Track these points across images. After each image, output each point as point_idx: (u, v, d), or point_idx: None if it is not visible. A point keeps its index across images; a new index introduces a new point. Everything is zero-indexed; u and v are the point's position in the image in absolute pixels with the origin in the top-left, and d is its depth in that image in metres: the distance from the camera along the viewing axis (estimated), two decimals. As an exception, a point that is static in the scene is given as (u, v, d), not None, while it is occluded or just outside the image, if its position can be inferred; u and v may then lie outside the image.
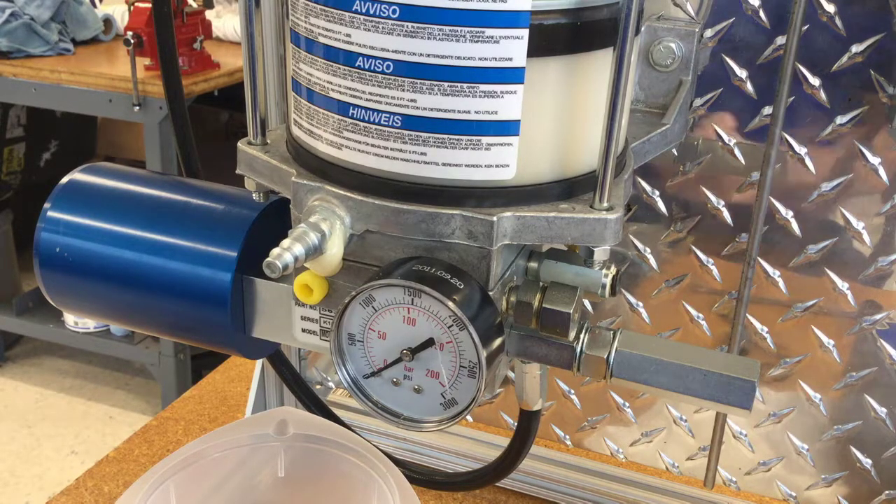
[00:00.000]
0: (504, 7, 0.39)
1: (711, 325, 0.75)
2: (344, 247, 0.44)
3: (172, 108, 0.67)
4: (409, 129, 0.42)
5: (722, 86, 0.67)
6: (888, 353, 0.71)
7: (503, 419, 0.88)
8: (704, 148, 0.69)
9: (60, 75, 2.21)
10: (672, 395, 0.48)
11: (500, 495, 0.83)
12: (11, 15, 2.28)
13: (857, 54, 0.62)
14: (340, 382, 0.47)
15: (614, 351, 0.48)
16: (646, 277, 0.76)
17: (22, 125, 2.81)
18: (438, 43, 0.39)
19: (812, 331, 0.72)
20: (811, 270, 0.70)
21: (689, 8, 0.61)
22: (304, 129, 0.46)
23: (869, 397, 0.73)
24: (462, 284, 0.43)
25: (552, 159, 0.44)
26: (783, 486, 0.79)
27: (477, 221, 0.42)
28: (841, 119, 0.65)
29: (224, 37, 2.56)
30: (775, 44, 0.64)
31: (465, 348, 0.43)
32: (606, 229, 0.43)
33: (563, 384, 0.84)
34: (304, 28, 0.43)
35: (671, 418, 0.81)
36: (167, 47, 0.64)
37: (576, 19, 0.41)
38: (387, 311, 0.44)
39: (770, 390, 0.76)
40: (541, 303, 0.46)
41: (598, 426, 0.84)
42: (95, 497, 0.80)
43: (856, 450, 0.75)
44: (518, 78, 0.40)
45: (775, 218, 0.69)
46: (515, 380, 0.56)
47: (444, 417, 0.46)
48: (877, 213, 0.67)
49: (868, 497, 0.76)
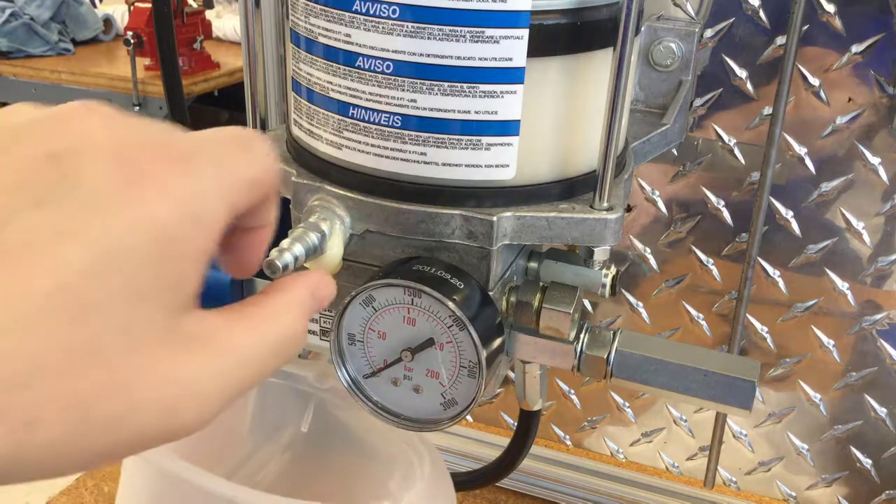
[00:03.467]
0: (504, 7, 0.39)
1: (711, 325, 0.75)
2: (344, 247, 0.44)
3: (172, 108, 0.67)
4: (409, 129, 0.42)
5: (722, 86, 0.67)
6: (888, 353, 0.71)
7: (503, 419, 0.88)
8: (704, 148, 0.69)
9: (60, 75, 2.21)
10: (672, 395, 0.48)
11: (500, 495, 0.83)
12: (11, 15, 2.28)
13: (857, 54, 0.62)
14: (340, 382, 0.47)
15: (614, 351, 0.48)
16: (646, 277, 0.76)
17: (22, 125, 2.80)
18: (438, 43, 0.39)
19: (812, 331, 0.72)
20: (811, 270, 0.70)
21: (689, 8, 0.61)
22: (303, 129, 0.46)
23: (869, 397, 0.73)
24: (462, 284, 0.43)
25: (552, 159, 0.44)
26: (783, 486, 0.79)
27: (477, 221, 0.42)
28: (841, 119, 0.65)
29: (224, 37, 2.56)
30: (775, 44, 0.64)
31: (465, 348, 0.43)
32: (606, 229, 0.43)
33: (563, 384, 0.84)
34: (304, 28, 0.43)
35: (671, 418, 0.81)
36: (167, 47, 0.64)
37: (576, 19, 0.41)
38: (387, 311, 0.44)
39: (770, 390, 0.76)
40: (541, 303, 0.46)
41: (598, 426, 0.84)
42: (95, 497, 0.80)
43: (856, 450, 0.75)
44: (518, 78, 0.40)
45: (775, 218, 0.69)
46: (515, 380, 0.56)
47: (443, 417, 0.46)
48: (877, 213, 0.67)
49: (868, 497, 0.76)
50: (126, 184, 0.25)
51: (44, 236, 0.24)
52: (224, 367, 0.27)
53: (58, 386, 0.23)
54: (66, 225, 0.24)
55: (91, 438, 0.24)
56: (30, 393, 0.22)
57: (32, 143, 0.25)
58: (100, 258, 0.24)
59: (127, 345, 0.24)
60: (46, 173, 0.24)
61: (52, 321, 0.23)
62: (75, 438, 0.24)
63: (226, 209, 0.28)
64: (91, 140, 0.26)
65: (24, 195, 0.24)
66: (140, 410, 0.25)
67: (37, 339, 0.23)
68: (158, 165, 0.26)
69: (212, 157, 0.28)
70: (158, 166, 0.26)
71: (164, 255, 0.25)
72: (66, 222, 0.24)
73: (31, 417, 0.23)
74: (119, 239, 0.24)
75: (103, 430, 0.24)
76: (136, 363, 0.25)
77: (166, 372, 0.26)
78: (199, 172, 0.27)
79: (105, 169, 0.25)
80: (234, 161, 0.29)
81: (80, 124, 0.26)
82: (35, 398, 0.23)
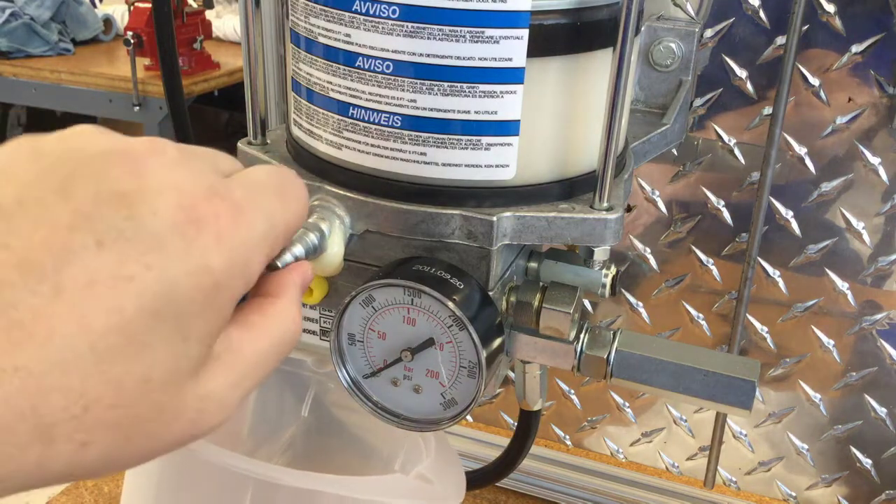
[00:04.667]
0: (504, 7, 0.39)
1: (711, 325, 0.75)
2: (344, 246, 0.44)
3: (172, 108, 0.67)
4: (409, 129, 0.42)
5: (722, 86, 0.67)
6: (888, 353, 0.71)
7: (503, 419, 0.88)
8: (704, 148, 0.69)
9: (60, 75, 2.21)
10: (672, 395, 0.48)
11: (500, 495, 0.83)
12: (11, 15, 2.28)
13: (857, 54, 0.62)
14: (340, 383, 0.47)
15: (614, 351, 0.48)
16: (646, 277, 0.76)
17: (22, 125, 2.81)
18: (438, 43, 0.39)
19: (812, 331, 0.72)
20: (811, 270, 0.70)
21: (689, 8, 0.61)
22: (303, 129, 0.46)
23: (869, 397, 0.73)
24: (462, 284, 0.43)
25: (552, 159, 0.44)
26: (783, 486, 0.79)
27: (477, 221, 0.42)
28: (841, 119, 0.65)
29: (224, 37, 2.56)
30: (775, 44, 0.64)
31: (465, 348, 0.43)
32: (606, 229, 0.43)
33: (563, 384, 0.84)
34: (304, 28, 0.43)
35: (671, 418, 0.81)
36: (167, 47, 0.64)
37: (576, 19, 0.41)
38: (387, 311, 0.44)
39: (770, 390, 0.76)
40: (541, 303, 0.46)
41: (598, 426, 0.84)
42: (95, 497, 0.81)
43: (856, 450, 0.75)
44: (518, 78, 0.40)
45: (775, 218, 0.69)
46: (515, 380, 0.56)
47: (444, 417, 0.46)
48: (877, 213, 0.67)
49: (868, 497, 0.76)
50: (185, 231, 0.27)
51: (104, 278, 0.25)
52: (240, 376, 0.30)
53: (108, 415, 0.25)
54: (125, 268, 0.25)
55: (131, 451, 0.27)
56: (83, 422, 0.25)
57: (101, 180, 0.26)
58: (153, 302, 0.26)
59: (172, 378, 0.27)
60: (112, 213, 0.26)
61: (105, 358, 0.25)
62: (119, 453, 0.26)
63: (266, 259, 0.30)
64: (157, 184, 0.27)
65: (88, 234, 0.25)
66: (175, 425, 0.28)
67: (91, 375, 0.25)
68: (216, 214, 0.28)
69: (262, 209, 0.30)
70: (216, 215, 0.28)
71: (212, 303, 0.28)
72: (126, 266, 0.25)
73: (84, 441, 0.25)
74: (174, 285, 0.26)
75: (143, 445, 0.27)
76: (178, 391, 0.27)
77: (197, 391, 0.28)
78: (252, 225, 0.29)
79: (167, 214, 0.27)
80: (280, 212, 0.31)
81: (148, 165, 0.27)
82: (88, 426, 0.25)
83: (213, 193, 0.28)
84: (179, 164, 0.28)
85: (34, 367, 0.24)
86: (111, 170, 0.27)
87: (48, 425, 0.24)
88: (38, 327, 0.24)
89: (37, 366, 0.24)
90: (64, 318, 0.24)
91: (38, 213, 0.25)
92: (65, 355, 0.24)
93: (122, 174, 0.27)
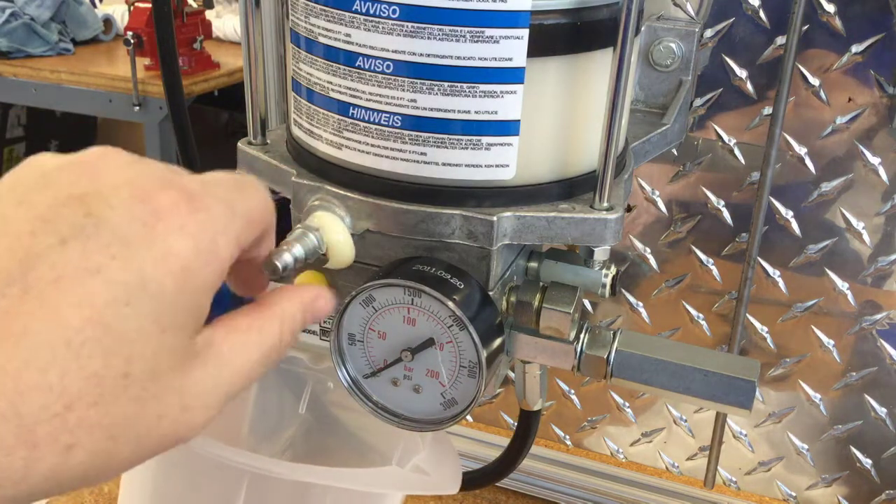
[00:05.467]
0: (504, 7, 0.39)
1: (711, 325, 0.75)
2: (350, 236, 0.43)
3: (172, 108, 0.67)
4: (409, 129, 0.42)
5: (722, 86, 0.67)
6: (888, 353, 0.71)
7: (503, 419, 0.88)
8: (704, 148, 0.69)
9: (60, 75, 2.21)
10: (672, 395, 0.48)
11: (500, 495, 0.83)
12: (11, 15, 2.28)
13: (857, 54, 0.62)
14: (340, 383, 0.47)
15: (614, 351, 0.48)
16: (646, 277, 0.76)
17: (22, 125, 2.81)
18: (438, 43, 0.39)
19: (812, 331, 0.72)
20: (811, 270, 0.70)
21: (689, 8, 0.61)
22: (304, 129, 0.46)
23: (869, 397, 0.73)
24: (462, 284, 0.43)
25: (552, 159, 0.44)
26: (783, 486, 0.79)
27: (477, 221, 0.42)
28: (841, 119, 0.65)
29: (224, 37, 2.56)
30: (775, 44, 0.64)
31: (465, 348, 0.43)
32: (606, 229, 0.43)
33: (563, 384, 0.84)
34: (304, 28, 0.43)
35: (671, 418, 0.81)
36: (167, 47, 0.64)
37: (576, 19, 0.41)
38: (387, 311, 0.44)
39: (770, 390, 0.76)
40: (541, 303, 0.46)
41: (598, 426, 0.84)
42: (95, 497, 0.81)
43: (856, 450, 0.75)
44: (518, 78, 0.40)
45: (775, 218, 0.69)
46: (515, 380, 0.56)
47: (444, 417, 0.46)
48: (877, 213, 0.67)
49: (868, 497, 0.76)
50: (146, 222, 0.27)
51: (71, 272, 0.25)
52: (223, 378, 0.30)
53: (90, 413, 0.25)
54: (91, 261, 0.26)
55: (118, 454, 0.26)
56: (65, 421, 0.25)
57: (57, 187, 0.27)
58: (124, 292, 0.26)
59: (152, 372, 0.27)
60: (71, 214, 0.26)
61: (83, 353, 0.25)
62: (104, 457, 0.26)
63: (234, 244, 0.30)
64: (111, 182, 0.28)
65: (51, 235, 0.26)
66: (160, 425, 0.27)
67: (69, 371, 0.25)
68: (174, 204, 0.28)
69: (218, 197, 0.30)
70: (174, 205, 0.28)
71: (184, 288, 0.27)
72: (91, 258, 0.26)
73: (69, 442, 0.25)
74: (142, 273, 0.26)
75: (129, 446, 0.27)
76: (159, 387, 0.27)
77: (181, 388, 0.28)
78: (210, 211, 0.29)
79: (125, 208, 0.27)
80: (238, 200, 0.31)
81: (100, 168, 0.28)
82: (70, 426, 0.25)
83: (168, 185, 0.29)
84: (131, 164, 0.29)
85: (9, 365, 0.24)
86: (66, 177, 0.28)
87: (30, 426, 0.24)
88: (11, 326, 0.24)
89: (11, 364, 0.24)
90: (36, 315, 0.24)
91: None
92: (40, 352, 0.24)
93: (77, 179, 0.28)
